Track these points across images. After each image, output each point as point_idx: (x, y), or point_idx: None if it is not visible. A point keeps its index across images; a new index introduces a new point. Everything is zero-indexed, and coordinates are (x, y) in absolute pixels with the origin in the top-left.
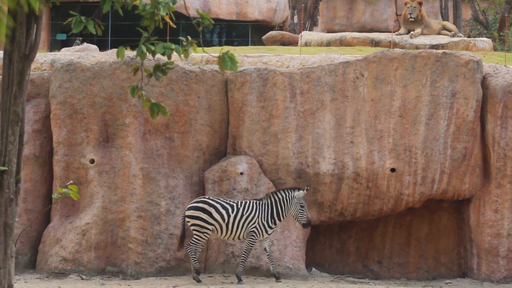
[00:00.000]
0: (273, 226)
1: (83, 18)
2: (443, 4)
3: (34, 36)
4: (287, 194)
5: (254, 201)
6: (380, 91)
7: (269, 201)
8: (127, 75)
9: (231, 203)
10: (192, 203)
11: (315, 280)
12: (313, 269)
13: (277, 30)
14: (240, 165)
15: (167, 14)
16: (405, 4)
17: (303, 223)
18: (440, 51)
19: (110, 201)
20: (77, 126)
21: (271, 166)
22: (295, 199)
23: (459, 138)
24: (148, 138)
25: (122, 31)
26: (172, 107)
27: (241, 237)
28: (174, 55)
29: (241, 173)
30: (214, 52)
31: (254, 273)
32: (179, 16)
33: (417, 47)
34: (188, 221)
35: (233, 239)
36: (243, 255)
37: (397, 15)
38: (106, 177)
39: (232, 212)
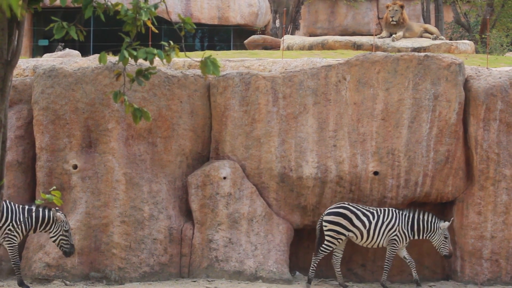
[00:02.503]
0: (410, 238)
1: (65, 23)
2: (425, 7)
3: (16, 42)
4: (433, 221)
5: (394, 209)
6: (362, 95)
7: (411, 214)
8: (109, 81)
9: (371, 210)
10: (332, 209)
11: (299, 284)
12: (297, 273)
13: (259, 34)
14: (223, 170)
15: (149, 19)
16: (387, 7)
17: (445, 254)
18: (422, 54)
19: (93, 207)
20: (59, 132)
21: (254, 170)
22: (440, 230)
23: (442, 140)
24: (131, 143)
25: (104, 36)
26: (154, 112)
27: (380, 244)
28: (156, 60)
29: (224, 178)
30: (196, 56)
31: (237, 277)
32: (161, 21)
33: (399, 50)
34: (326, 226)
35: (371, 246)
36: (386, 263)
37: (379, 18)
38: (89, 182)
39: (373, 219)
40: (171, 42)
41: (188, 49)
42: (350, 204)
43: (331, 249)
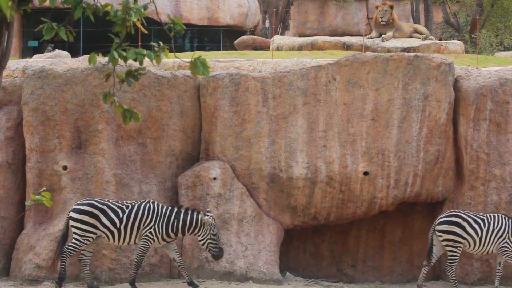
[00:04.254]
0: None
1: (54, 24)
2: (414, 7)
3: (5, 43)
4: None
5: (504, 216)
6: (352, 95)
7: None
8: (99, 81)
9: (482, 216)
10: (443, 217)
11: (289, 284)
12: (287, 273)
13: (249, 34)
14: (213, 170)
15: (138, 19)
16: (377, 7)
17: None
18: (412, 54)
19: None
20: (49, 133)
21: (244, 171)
22: None
23: (431, 140)
24: (121, 144)
25: (94, 37)
26: (144, 112)
27: (490, 251)
28: (146, 60)
29: (214, 178)
30: (186, 57)
31: (228, 278)
32: (150, 22)
33: (388, 50)
34: (440, 236)
35: (482, 254)
36: (498, 271)
37: (368, 18)
38: (79, 183)
39: (484, 226)
40: (161, 43)
41: (177, 50)
42: (461, 211)
43: (457, 257)
